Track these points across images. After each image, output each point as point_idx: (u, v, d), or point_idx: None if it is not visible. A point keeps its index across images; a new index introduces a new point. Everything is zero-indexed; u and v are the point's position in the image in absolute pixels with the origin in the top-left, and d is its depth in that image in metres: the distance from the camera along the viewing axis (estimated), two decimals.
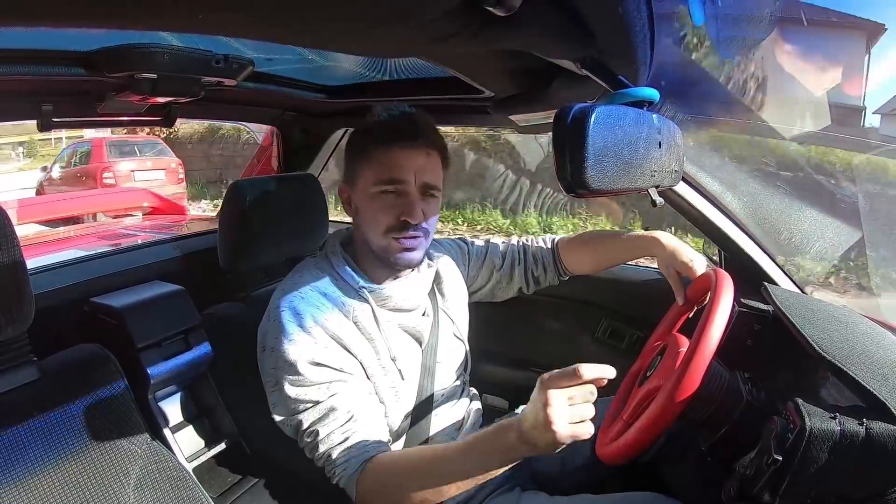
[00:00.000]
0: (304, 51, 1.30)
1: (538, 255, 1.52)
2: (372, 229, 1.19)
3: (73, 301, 1.38)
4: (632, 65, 0.84)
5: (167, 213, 3.48)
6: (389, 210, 1.17)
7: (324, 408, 1.10)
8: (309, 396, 1.10)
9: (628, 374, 1.26)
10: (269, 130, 2.24)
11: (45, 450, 1.00)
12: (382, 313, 1.23)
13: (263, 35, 0.73)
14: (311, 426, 1.10)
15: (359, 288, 1.21)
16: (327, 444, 1.09)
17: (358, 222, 1.23)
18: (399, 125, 1.18)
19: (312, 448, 1.11)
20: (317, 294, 1.19)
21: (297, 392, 1.11)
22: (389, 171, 1.17)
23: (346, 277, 1.22)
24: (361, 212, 1.21)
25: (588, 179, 0.71)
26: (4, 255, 0.92)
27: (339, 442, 1.08)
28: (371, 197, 1.18)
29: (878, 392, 0.84)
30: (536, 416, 0.89)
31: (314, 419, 1.10)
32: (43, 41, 1.06)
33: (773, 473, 0.83)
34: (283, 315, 1.15)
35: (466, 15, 0.59)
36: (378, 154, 1.17)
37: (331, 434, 1.09)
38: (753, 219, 1.48)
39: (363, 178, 1.19)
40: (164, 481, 1.09)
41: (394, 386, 1.22)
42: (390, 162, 1.17)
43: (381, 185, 1.17)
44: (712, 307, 0.98)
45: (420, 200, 1.19)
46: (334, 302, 1.19)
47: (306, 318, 1.14)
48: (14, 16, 0.44)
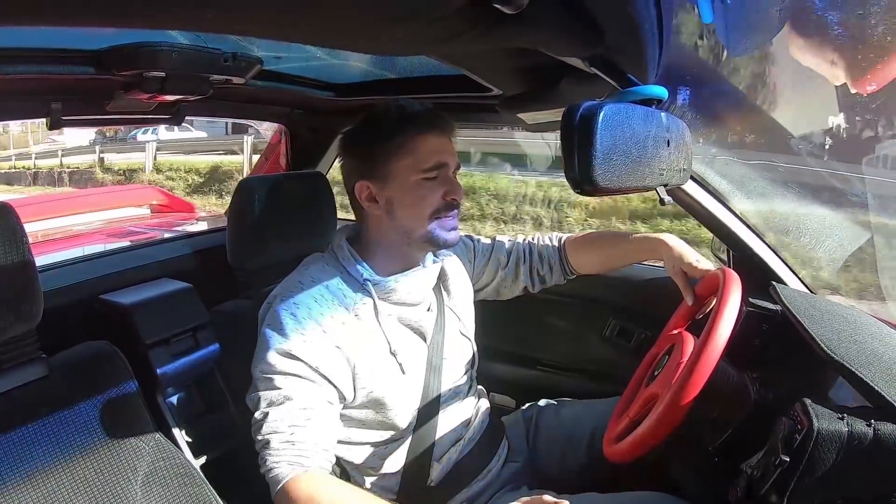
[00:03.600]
0: (312, 49, 1.30)
1: (544, 254, 1.51)
2: (415, 217, 1.20)
3: (82, 298, 1.39)
4: (640, 63, 0.83)
5: (175, 210, 3.48)
6: (433, 194, 1.20)
7: (282, 395, 1.10)
8: (274, 382, 1.11)
9: (636, 374, 1.26)
10: (277, 129, 2.25)
11: (52, 446, 1.01)
12: (384, 306, 1.23)
13: (272, 34, 0.74)
14: (266, 407, 1.10)
15: (363, 281, 1.21)
16: (271, 428, 1.08)
17: (393, 213, 1.22)
18: (425, 114, 1.21)
19: (258, 428, 1.10)
20: (318, 287, 1.19)
21: (266, 372, 1.12)
22: (434, 157, 1.19)
23: (351, 271, 1.23)
24: (399, 202, 1.21)
25: (596, 178, 0.71)
26: (13, 253, 0.92)
27: (282, 431, 1.08)
28: (414, 185, 1.19)
29: (886, 393, 0.83)
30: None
31: (269, 401, 1.10)
32: (52, 40, 1.06)
33: (781, 474, 0.83)
34: (278, 304, 1.17)
35: (475, 13, 0.59)
36: (415, 143, 1.18)
37: (278, 420, 1.08)
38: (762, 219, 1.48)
39: (400, 169, 1.19)
40: (171, 478, 1.10)
41: (394, 380, 1.22)
42: (431, 148, 1.19)
43: (424, 172, 1.19)
44: (720, 307, 0.98)
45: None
46: (336, 294, 1.20)
47: (300, 309, 1.15)
48: (23, 15, 0.45)
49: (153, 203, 3.49)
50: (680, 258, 1.29)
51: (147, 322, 1.31)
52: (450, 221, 1.22)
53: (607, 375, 1.85)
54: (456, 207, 1.23)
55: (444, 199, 1.20)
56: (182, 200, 3.70)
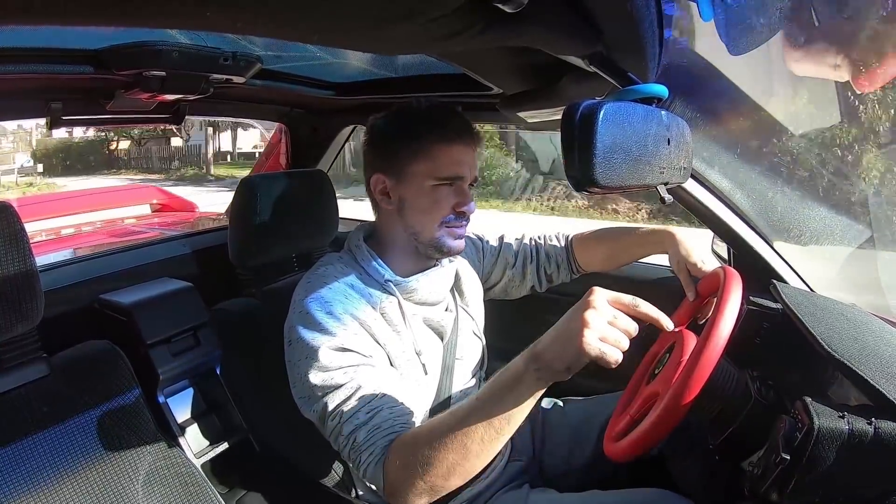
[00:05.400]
0: (312, 48, 1.30)
1: (551, 253, 1.52)
2: (425, 221, 1.20)
3: (83, 298, 1.39)
4: (640, 61, 0.83)
5: (176, 209, 3.48)
6: (445, 202, 1.19)
7: (350, 388, 1.05)
8: (335, 381, 1.06)
9: (637, 371, 1.26)
10: (277, 128, 2.25)
11: (53, 446, 1.01)
12: (409, 306, 1.22)
13: (272, 33, 0.74)
14: (337, 408, 1.05)
15: (384, 281, 1.20)
16: (353, 424, 1.03)
17: (404, 213, 1.21)
18: (455, 123, 1.19)
19: (338, 433, 1.05)
20: (343, 286, 1.18)
21: (323, 377, 1.06)
22: (452, 168, 1.18)
23: (370, 271, 1.22)
24: (411, 203, 1.20)
25: (597, 176, 0.71)
26: (14, 252, 0.92)
27: (364, 422, 1.02)
28: (427, 191, 1.18)
29: (887, 391, 0.83)
30: (568, 324, 0.85)
31: (339, 400, 1.05)
32: (52, 39, 1.06)
33: (781, 472, 0.83)
34: (310, 305, 1.13)
35: (475, 12, 0.59)
36: (438, 150, 1.17)
37: (357, 413, 1.03)
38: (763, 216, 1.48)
39: (417, 172, 1.18)
40: (172, 477, 1.10)
41: (417, 380, 1.22)
42: (451, 159, 1.18)
43: (439, 180, 1.18)
44: (721, 305, 0.98)
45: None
46: (361, 294, 1.18)
47: (335, 305, 1.13)
48: (23, 14, 0.45)
49: (154, 202, 3.48)
50: (686, 255, 1.28)
51: (148, 321, 1.31)
52: (459, 230, 1.22)
53: (609, 373, 1.85)
54: (465, 219, 1.22)
55: (454, 210, 1.20)
56: (183, 199, 3.69)
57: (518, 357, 0.90)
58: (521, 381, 0.88)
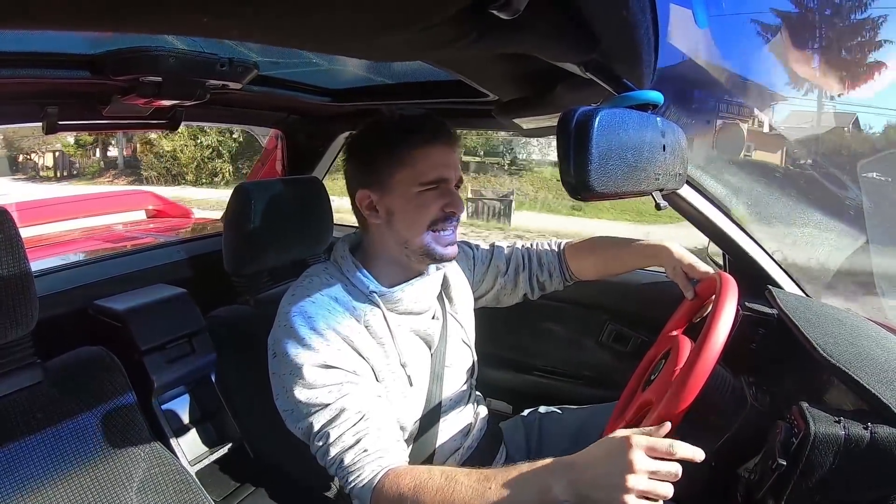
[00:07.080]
0: (308, 54, 1.30)
1: (544, 260, 1.51)
2: (413, 228, 1.19)
3: (77, 304, 1.39)
4: (636, 68, 0.84)
5: (171, 215, 3.46)
6: (432, 205, 1.18)
7: (335, 409, 1.07)
8: (320, 399, 1.08)
9: (632, 377, 1.26)
10: (273, 134, 2.24)
11: (47, 452, 1.00)
12: (393, 317, 1.22)
13: (268, 39, 0.73)
14: (322, 429, 1.07)
15: (369, 293, 1.20)
16: (339, 446, 1.06)
17: (393, 224, 1.21)
18: (429, 126, 1.19)
19: (324, 453, 1.08)
20: (327, 299, 1.17)
21: (308, 395, 1.08)
22: (435, 171, 1.17)
23: (356, 282, 1.21)
24: (398, 213, 1.19)
25: (592, 183, 0.71)
26: (9, 258, 0.92)
27: (351, 445, 1.05)
28: (413, 197, 1.17)
29: (882, 396, 0.84)
30: (608, 475, 0.86)
31: (325, 421, 1.07)
32: (48, 44, 1.06)
33: (778, 478, 0.83)
34: (294, 320, 1.13)
35: (471, 19, 0.59)
36: (417, 155, 1.16)
37: (342, 436, 1.06)
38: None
39: (401, 181, 1.18)
40: (167, 485, 1.09)
41: (402, 391, 1.22)
42: (432, 162, 1.17)
43: (424, 185, 1.17)
44: (716, 311, 0.98)
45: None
46: (345, 307, 1.18)
47: (318, 321, 1.13)
48: (20, 19, 0.45)
49: (149, 208, 3.47)
50: (680, 261, 1.29)
51: (142, 328, 1.30)
52: (448, 236, 1.21)
53: (604, 380, 1.86)
54: (455, 220, 1.21)
55: (442, 211, 1.19)
56: (178, 205, 3.68)
57: (552, 472, 0.93)
58: (547, 496, 0.90)
